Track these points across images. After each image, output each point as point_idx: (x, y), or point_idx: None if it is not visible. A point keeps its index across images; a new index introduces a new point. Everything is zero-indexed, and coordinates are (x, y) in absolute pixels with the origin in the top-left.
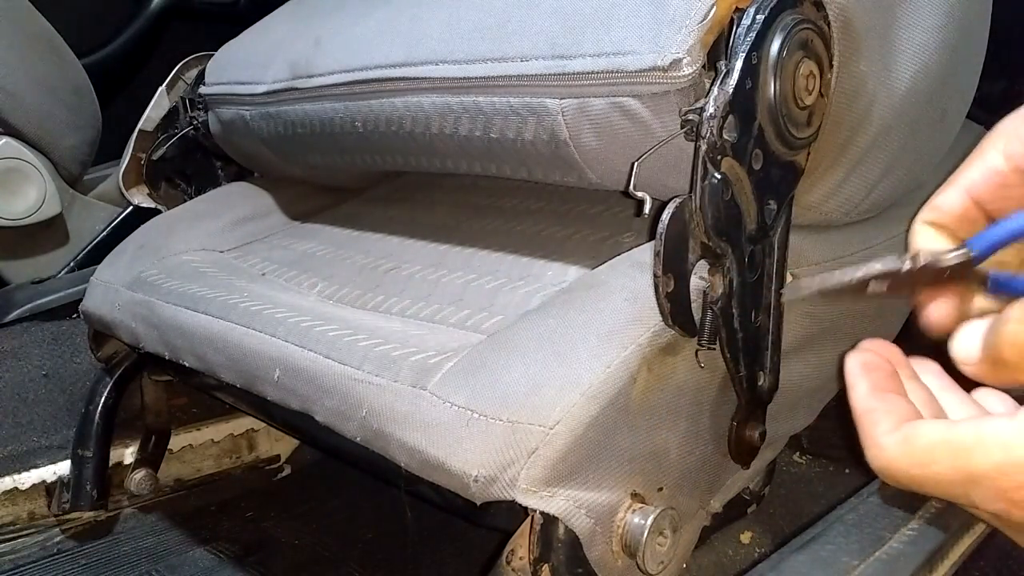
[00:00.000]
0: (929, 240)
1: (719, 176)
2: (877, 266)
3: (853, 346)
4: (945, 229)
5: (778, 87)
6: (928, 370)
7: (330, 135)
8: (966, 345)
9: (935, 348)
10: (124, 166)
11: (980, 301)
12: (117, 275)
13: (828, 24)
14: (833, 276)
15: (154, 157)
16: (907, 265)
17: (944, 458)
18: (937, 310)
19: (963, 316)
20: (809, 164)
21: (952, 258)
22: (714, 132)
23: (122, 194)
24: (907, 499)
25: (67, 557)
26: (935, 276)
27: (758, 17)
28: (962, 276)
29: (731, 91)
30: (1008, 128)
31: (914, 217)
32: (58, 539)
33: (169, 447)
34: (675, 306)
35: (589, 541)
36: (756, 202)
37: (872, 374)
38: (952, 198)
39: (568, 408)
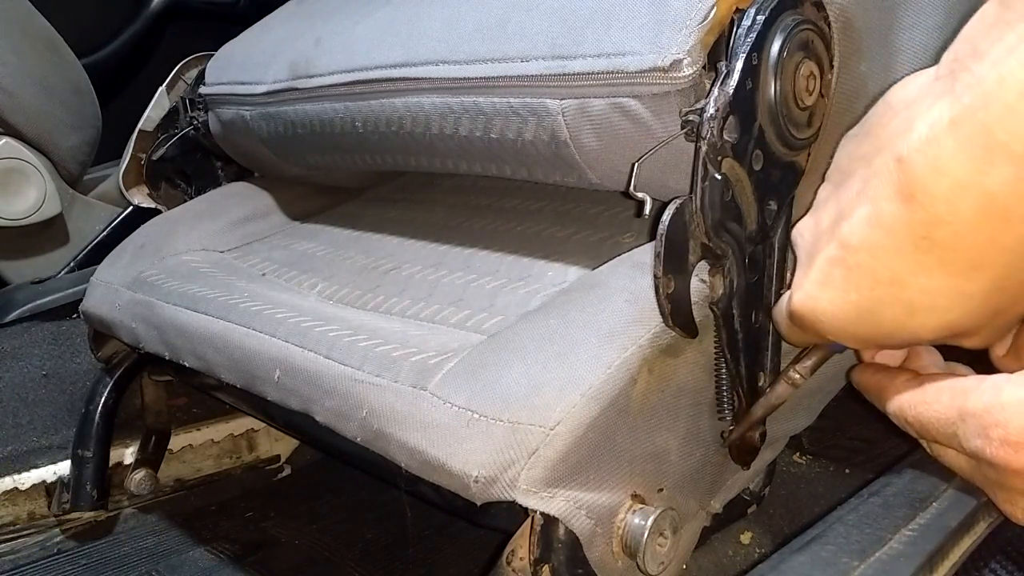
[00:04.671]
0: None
1: (719, 177)
2: (779, 391)
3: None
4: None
5: (778, 88)
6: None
7: (330, 135)
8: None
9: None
10: (124, 166)
11: None
12: (117, 275)
13: (828, 25)
14: (755, 411)
15: (154, 157)
16: (798, 379)
17: (946, 397)
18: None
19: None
20: (809, 165)
21: (816, 357)
22: (715, 133)
23: (122, 194)
24: (908, 499)
25: (67, 557)
26: None
27: (758, 18)
28: None
29: (731, 92)
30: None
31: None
32: (58, 539)
33: (169, 447)
34: (675, 307)
35: (589, 542)
36: (757, 203)
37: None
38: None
39: (568, 409)
